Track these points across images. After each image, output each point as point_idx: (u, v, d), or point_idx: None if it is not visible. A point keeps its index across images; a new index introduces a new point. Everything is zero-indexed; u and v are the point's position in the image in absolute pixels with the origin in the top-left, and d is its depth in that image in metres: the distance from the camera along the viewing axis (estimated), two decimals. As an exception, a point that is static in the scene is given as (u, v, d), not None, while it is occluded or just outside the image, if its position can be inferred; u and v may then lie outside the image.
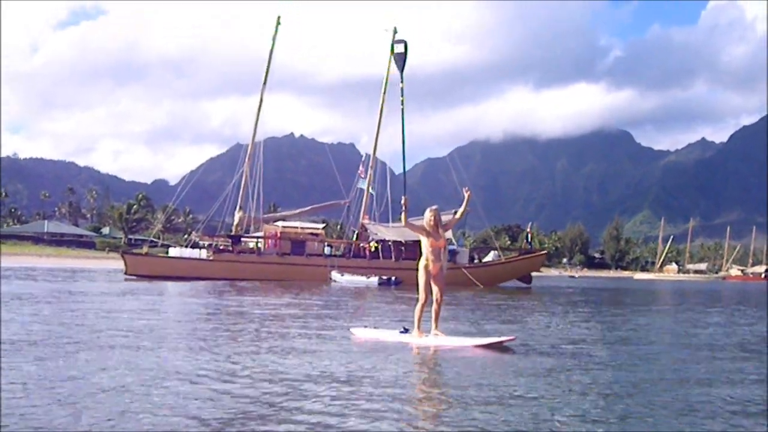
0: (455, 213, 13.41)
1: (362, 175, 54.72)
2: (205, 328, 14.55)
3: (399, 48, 14.82)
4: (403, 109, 15.07)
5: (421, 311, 12.65)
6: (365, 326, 14.69)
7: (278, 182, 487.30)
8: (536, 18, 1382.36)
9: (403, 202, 13.07)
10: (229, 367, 8.96)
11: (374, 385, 7.92)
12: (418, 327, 12.73)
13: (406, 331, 13.18)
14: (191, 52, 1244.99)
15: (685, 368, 10.01)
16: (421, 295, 12.53)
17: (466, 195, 13.17)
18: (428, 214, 12.64)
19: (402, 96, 15.00)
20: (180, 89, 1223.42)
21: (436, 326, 12.77)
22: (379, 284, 43.95)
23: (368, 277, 45.71)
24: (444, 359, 10.60)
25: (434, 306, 12.67)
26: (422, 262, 12.60)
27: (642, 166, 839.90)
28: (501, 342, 12.57)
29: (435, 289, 12.56)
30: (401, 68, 14.78)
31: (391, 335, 13.28)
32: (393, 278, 45.81)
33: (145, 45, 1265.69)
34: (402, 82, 14.94)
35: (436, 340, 12.59)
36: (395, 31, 55.90)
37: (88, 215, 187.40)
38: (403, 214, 13.08)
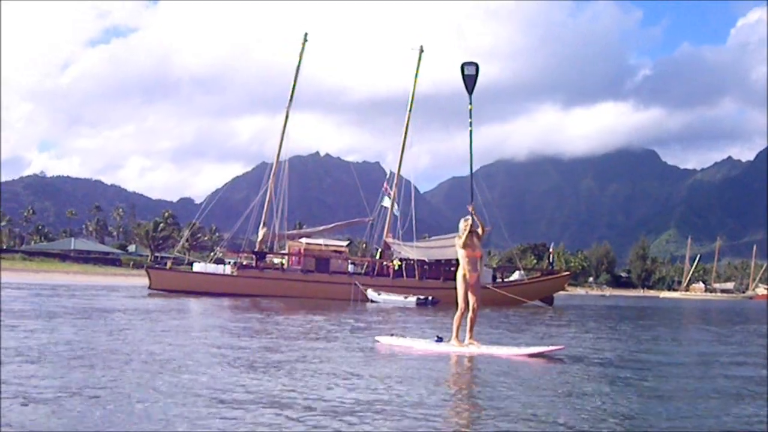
0: (479, 228, 13.48)
1: (387, 193, 54.66)
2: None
3: (470, 70, 14.84)
4: (471, 131, 15.00)
5: (460, 320, 12.68)
6: (392, 334, 14.59)
7: (303, 200, 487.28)
8: (566, 38, 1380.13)
9: (470, 214, 13.04)
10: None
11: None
12: (456, 336, 12.75)
13: (440, 340, 13.17)
14: (220, 69, 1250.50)
15: None
16: (460, 305, 12.58)
17: (470, 208, 13.27)
18: (462, 225, 12.74)
19: (470, 118, 14.94)
20: (208, 106, 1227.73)
21: (471, 335, 12.80)
22: (417, 304, 43.63)
23: (406, 297, 45.40)
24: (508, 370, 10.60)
25: (470, 315, 12.69)
26: (460, 272, 12.64)
27: (668, 185, 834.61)
28: (550, 351, 12.56)
29: (471, 298, 12.59)
30: (470, 90, 14.75)
31: (424, 344, 13.26)
32: (430, 298, 45.54)
33: (174, 62, 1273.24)
34: (471, 104, 14.88)
35: (487, 349, 12.61)
36: (422, 50, 56.12)
37: (115, 233, 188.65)
38: (463, 235, 12.96)
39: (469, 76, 14.78)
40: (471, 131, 15.04)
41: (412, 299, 44.40)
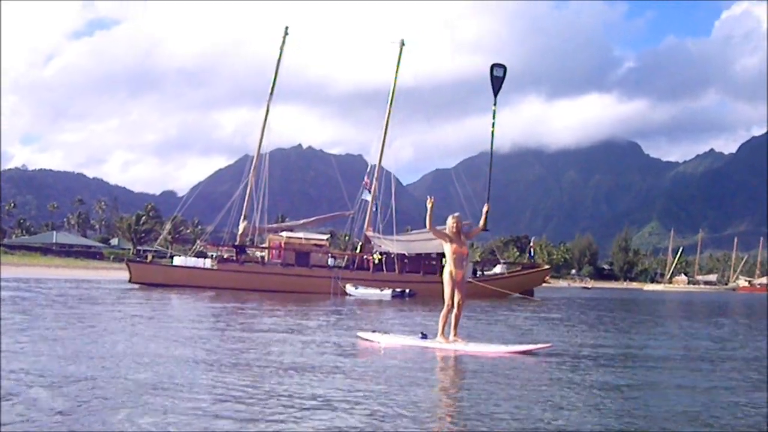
0: (479, 224, 13.61)
1: (367, 187, 54.68)
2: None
3: (498, 72, 14.81)
4: (493, 132, 14.95)
5: (446, 317, 12.69)
6: (373, 330, 14.53)
7: (286, 193, 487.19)
8: (550, 29, 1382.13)
9: (429, 204, 12.94)
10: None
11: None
12: (443, 333, 12.78)
13: (425, 336, 13.18)
14: (205, 61, 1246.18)
15: None
16: (447, 301, 12.59)
17: (484, 209, 13.36)
18: (450, 221, 12.75)
19: (494, 118, 14.89)
20: (192, 99, 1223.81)
21: (455, 332, 12.84)
22: (393, 297, 43.76)
23: (382, 290, 45.56)
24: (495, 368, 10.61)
25: (455, 312, 12.73)
26: (446, 269, 12.66)
27: (650, 178, 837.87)
28: (537, 349, 12.59)
29: (457, 295, 12.62)
30: (496, 91, 14.72)
31: (408, 341, 13.25)
32: (407, 291, 45.64)
33: (158, 55, 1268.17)
34: (495, 105, 14.84)
35: (475, 346, 12.63)
36: (402, 44, 56.12)
37: (97, 226, 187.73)
38: (428, 216, 12.97)
39: (497, 78, 14.76)
40: (493, 132, 15.02)
41: (388, 292, 44.63)
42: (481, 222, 13.70)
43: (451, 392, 8.74)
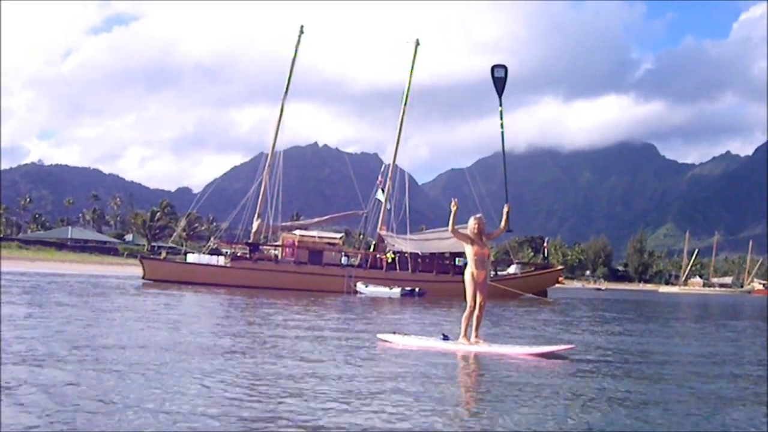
0: (501, 225, 13.57)
1: (381, 186, 54.66)
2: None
3: (499, 72, 14.76)
4: (503, 132, 14.85)
5: (469, 319, 12.61)
6: (393, 332, 14.32)
7: (301, 191, 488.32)
8: (569, 30, 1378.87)
9: (453, 207, 12.97)
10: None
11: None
12: (465, 334, 12.72)
13: (446, 338, 13.09)
14: (222, 58, 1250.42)
15: None
16: (469, 303, 12.51)
17: (505, 209, 13.33)
18: (472, 222, 12.67)
19: (501, 119, 14.82)
20: (209, 96, 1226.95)
21: (477, 333, 12.77)
22: (402, 295, 43.77)
23: (391, 288, 45.59)
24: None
25: (477, 313, 12.67)
26: (468, 270, 12.62)
27: (666, 179, 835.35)
28: (560, 351, 12.53)
29: (478, 296, 12.56)
30: (500, 92, 14.65)
31: (430, 342, 13.15)
32: (417, 289, 45.59)
33: (176, 51, 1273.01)
34: (501, 106, 14.76)
35: (498, 348, 12.58)
36: (417, 43, 56.17)
37: (112, 222, 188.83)
38: (451, 219, 12.94)
39: (499, 79, 14.68)
40: (503, 132, 14.88)
41: (397, 290, 44.70)
42: (503, 223, 13.63)
43: (473, 394, 8.67)
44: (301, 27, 55.21)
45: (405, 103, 55.89)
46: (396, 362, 10.81)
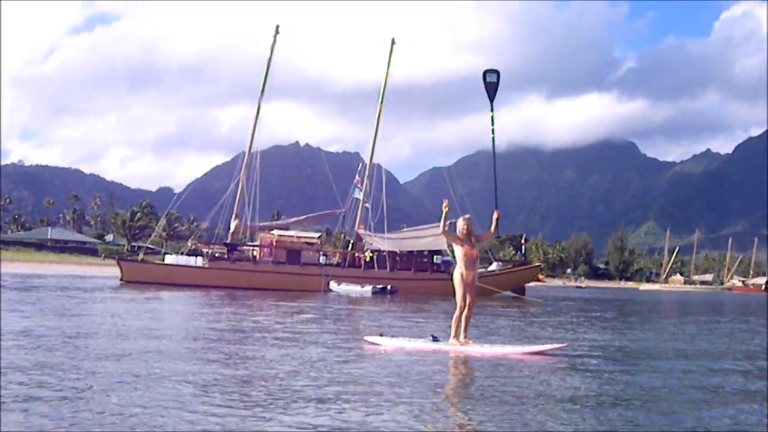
0: (491, 230, 13.62)
1: (358, 185, 54.77)
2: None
3: (491, 77, 14.73)
4: (493, 138, 14.81)
5: (459, 319, 12.67)
6: (381, 334, 14.13)
7: (283, 191, 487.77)
8: (552, 29, 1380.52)
9: (444, 208, 12.95)
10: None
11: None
12: (455, 335, 12.78)
13: (436, 339, 13.09)
14: (205, 58, 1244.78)
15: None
16: (459, 303, 12.58)
17: (495, 215, 13.40)
18: (461, 223, 12.75)
19: (492, 125, 14.75)
20: (191, 96, 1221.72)
21: (465, 334, 12.84)
22: (373, 293, 43.94)
23: (362, 286, 45.75)
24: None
25: (465, 313, 12.74)
26: (457, 271, 12.68)
27: (647, 177, 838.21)
28: (552, 350, 12.61)
29: (468, 297, 12.63)
30: (491, 97, 14.61)
31: (419, 344, 13.11)
32: (388, 287, 45.76)
33: (158, 51, 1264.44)
34: (492, 111, 14.72)
35: (489, 348, 12.66)
36: (393, 42, 56.34)
37: (92, 222, 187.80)
38: (442, 219, 13.02)
39: (491, 84, 14.66)
40: (493, 138, 14.87)
41: (368, 288, 44.89)
42: (492, 228, 13.69)
43: (463, 394, 8.69)
44: (277, 27, 55.32)
45: (381, 102, 56.22)
46: (384, 364, 10.83)
